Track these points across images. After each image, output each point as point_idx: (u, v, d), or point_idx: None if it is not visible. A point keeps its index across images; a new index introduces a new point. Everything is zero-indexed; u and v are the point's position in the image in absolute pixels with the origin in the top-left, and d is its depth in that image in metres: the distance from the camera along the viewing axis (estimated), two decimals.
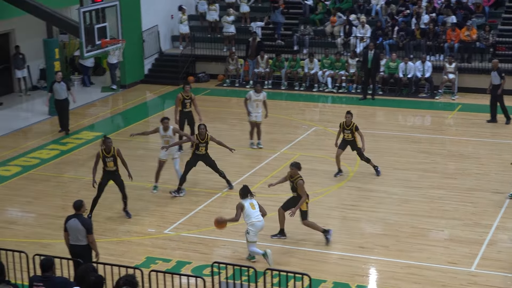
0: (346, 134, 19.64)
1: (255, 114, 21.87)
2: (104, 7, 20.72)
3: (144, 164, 20.98)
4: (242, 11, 32.25)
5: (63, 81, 23.64)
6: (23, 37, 28.84)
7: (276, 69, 29.49)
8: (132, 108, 27.44)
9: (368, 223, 17.13)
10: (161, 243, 16.21)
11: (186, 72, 30.85)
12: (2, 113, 26.47)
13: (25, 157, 21.99)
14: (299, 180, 15.83)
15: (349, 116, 19.56)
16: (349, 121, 19.54)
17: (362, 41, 29.35)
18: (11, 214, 18.15)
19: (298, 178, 15.85)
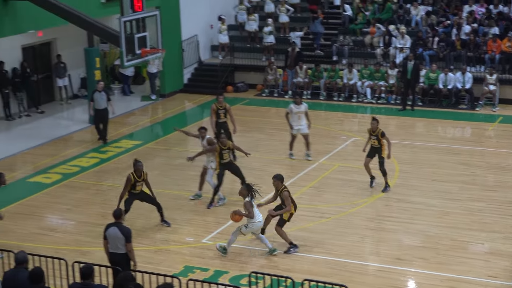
0: (373, 140, 19.48)
1: (298, 127, 21.65)
2: (144, 16, 20.82)
3: (182, 173, 21.07)
4: (281, 21, 32.28)
5: (103, 91, 23.80)
6: (64, 46, 29.17)
7: (315, 79, 29.45)
8: (171, 117, 27.58)
9: (406, 235, 17.00)
10: (199, 252, 16.24)
11: (225, 82, 30.95)
12: (44, 121, 26.75)
13: (66, 165, 22.20)
14: (284, 191, 15.90)
15: (374, 123, 19.36)
16: (375, 127, 19.35)
17: (401, 52, 29.21)
18: (51, 221, 18.31)
19: (283, 190, 15.93)
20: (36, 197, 19.63)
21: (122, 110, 28.06)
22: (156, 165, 22.03)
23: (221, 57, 31.62)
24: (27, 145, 23.92)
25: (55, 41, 29.01)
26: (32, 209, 18.84)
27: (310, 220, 17.74)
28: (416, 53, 28.52)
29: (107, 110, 23.97)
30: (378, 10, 31.83)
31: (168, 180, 20.73)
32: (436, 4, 31.64)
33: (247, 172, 20.92)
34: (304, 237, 16.75)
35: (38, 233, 17.33)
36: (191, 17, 31.03)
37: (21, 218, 17.97)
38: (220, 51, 31.92)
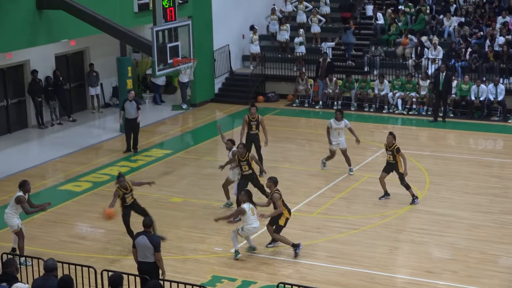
0: (388, 155, 19.37)
1: (337, 142, 21.35)
2: (176, 26, 20.93)
3: (211, 183, 21.08)
4: (313, 32, 32.27)
5: (134, 100, 23.91)
6: (97, 55, 29.41)
7: (346, 90, 29.38)
8: (201, 126, 27.66)
9: (436, 247, 16.86)
10: (227, 262, 16.24)
11: (256, 92, 30.99)
12: (75, 129, 26.95)
13: (96, 173, 22.33)
14: (275, 193, 16.12)
15: (390, 137, 19.21)
16: (390, 142, 19.20)
17: (434, 63, 29.04)
18: (81, 229, 18.42)
19: (274, 192, 16.17)
20: (66, 205, 19.77)
21: (153, 119, 28.20)
22: (185, 174, 22.10)
23: (252, 67, 31.67)
24: (59, 153, 24.11)
25: (88, 50, 29.26)
26: (62, 217, 18.96)
27: (339, 231, 17.68)
28: (448, 65, 28.34)
29: (137, 120, 24.02)
30: (411, 21, 31.70)
31: (197, 189, 20.78)
32: (469, 15, 31.44)
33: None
34: (333, 248, 16.69)
35: (67, 241, 17.44)
36: (223, 27, 31.14)
37: (51, 226, 18.10)
38: (251, 61, 31.98)
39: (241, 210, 16.11)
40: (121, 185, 16.69)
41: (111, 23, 21.60)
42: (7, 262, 11.93)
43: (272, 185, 16.31)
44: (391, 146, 19.16)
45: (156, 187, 20.79)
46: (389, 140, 19.20)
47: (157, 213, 18.71)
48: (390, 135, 19.25)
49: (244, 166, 18.41)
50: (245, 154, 18.39)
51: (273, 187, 16.29)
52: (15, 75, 26.58)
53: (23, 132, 26.57)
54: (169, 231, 17.76)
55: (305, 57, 31.42)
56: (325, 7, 33.25)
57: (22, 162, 23.27)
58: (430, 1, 32.32)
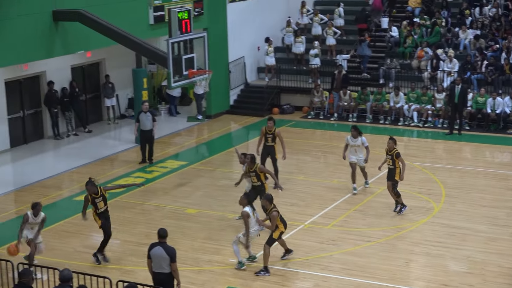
0: (388, 160, 19.35)
1: (356, 158, 21.01)
2: (192, 38, 21.00)
3: (226, 194, 21.08)
4: (328, 44, 32.28)
5: (149, 112, 23.96)
6: (113, 67, 29.53)
7: (361, 102, 29.35)
8: (216, 138, 27.68)
9: (452, 260, 16.77)
10: (242, 273, 16.20)
11: (271, 104, 31.00)
12: (91, 140, 27.03)
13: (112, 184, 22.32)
14: (273, 212, 15.91)
15: (391, 142, 19.23)
16: (391, 147, 19.21)
17: (449, 76, 28.97)
18: (96, 240, 18.41)
19: (271, 210, 15.95)
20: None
21: (168, 130, 28.26)
22: (200, 186, 22.11)
23: (267, 78, 31.70)
24: (74, 164, 24.18)
25: (104, 62, 29.39)
26: (77, 227, 18.99)
27: (355, 243, 17.61)
28: (464, 77, 28.27)
29: (152, 131, 24.03)
30: (426, 33, 31.66)
31: (212, 200, 20.78)
32: (485, 28, 31.36)
33: (292, 194, 20.93)
34: (348, 260, 16.63)
35: (83, 251, 17.46)
36: (238, 39, 31.20)
37: (66, 236, 18.14)
38: (266, 73, 32.01)
39: (246, 213, 15.97)
40: (90, 190, 16.53)
41: (126, 34, 21.70)
42: (23, 272, 11.98)
43: (268, 203, 16.06)
44: (391, 150, 19.17)
45: (171, 198, 20.90)
46: (390, 144, 19.26)
47: (172, 224, 18.77)
48: (391, 140, 19.31)
49: (253, 177, 18.33)
50: (253, 166, 18.29)
51: (268, 205, 16.04)
52: (31, 86, 26.71)
53: (39, 143, 26.67)
54: (184, 242, 17.75)
55: (320, 69, 31.41)
56: (339, 20, 33.27)
57: (38, 172, 23.35)
58: (445, 13, 32.26)
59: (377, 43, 32.17)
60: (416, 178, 22.32)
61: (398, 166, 19.14)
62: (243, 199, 16.21)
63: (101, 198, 16.64)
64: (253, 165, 18.22)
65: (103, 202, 16.68)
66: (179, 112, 31.06)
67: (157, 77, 31.52)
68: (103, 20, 21.91)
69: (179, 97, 31.34)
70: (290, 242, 17.69)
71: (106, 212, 16.84)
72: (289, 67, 31.97)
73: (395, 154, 19.11)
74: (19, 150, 25.78)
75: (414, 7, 33.34)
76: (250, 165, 18.29)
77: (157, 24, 25.99)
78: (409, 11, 33.14)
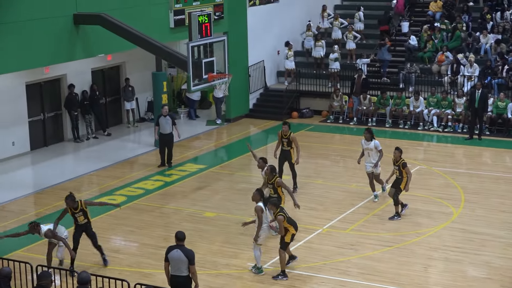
0: (395, 171, 19.34)
1: (369, 164, 20.60)
2: (212, 42, 21.05)
3: (245, 198, 21.08)
4: (348, 48, 32.24)
5: (168, 115, 24.00)
6: (133, 70, 29.66)
7: (381, 106, 29.28)
8: (236, 142, 27.70)
9: (471, 266, 16.68)
10: (260, 277, 16.20)
11: (290, 108, 30.99)
12: (111, 143, 27.14)
13: (130, 187, 22.44)
14: (278, 216, 15.84)
15: (397, 152, 19.19)
16: (398, 157, 19.17)
17: (469, 80, 28.84)
18: (115, 243, 18.50)
19: (277, 214, 15.91)
20: (101, 218, 19.86)
21: (187, 134, 28.31)
22: (219, 189, 22.14)
23: (287, 82, 31.70)
24: (94, 167, 24.29)
25: (124, 65, 29.51)
26: (96, 230, 18.89)
27: (373, 248, 17.57)
28: (484, 82, 28.13)
29: (172, 135, 24.02)
30: (447, 38, 31.55)
31: (231, 204, 20.80)
32: (506, 33, 31.20)
33: (310, 198, 20.92)
34: (366, 265, 16.59)
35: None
36: (258, 42, 31.23)
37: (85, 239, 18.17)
38: (286, 77, 32.01)
39: (260, 208, 15.91)
40: (69, 204, 16.39)
41: (147, 38, 21.78)
42: (42, 274, 12.02)
43: (274, 208, 16.06)
44: (398, 161, 19.15)
45: (190, 202, 20.94)
46: (396, 155, 19.25)
47: (190, 227, 18.82)
48: (397, 150, 19.29)
49: (270, 189, 18.02)
50: (272, 178, 17.87)
51: (274, 210, 16.03)
52: (52, 89, 26.88)
53: (59, 146, 26.83)
54: (202, 246, 17.78)
55: (340, 74, 31.37)
56: (359, 24, 33.23)
57: (58, 175, 23.48)
58: (466, 18, 32.13)
59: (397, 47, 32.09)
60: (436, 183, 22.24)
61: (405, 176, 19.11)
62: (256, 195, 16.15)
63: (81, 212, 16.47)
64: (272, 177, 17.88)
65: (83, 216, 16.53)
66: (199, 115, 31.13)
67: (177, 81, 31.61)
68: (123, 23, 22.02)
69: (199, 100, 31.41)
70: (308, 246, 17.72)
71: (86, 225, 16.67)
72: (308, 71, 31.95)
73: (401, 164, 19.07)
74: (39, 152, 25.95)
75: (435, 11, 33.23)
76: (269, 176, 18.02)
77: (177, 27, 26.07)
78: (430, 16, 33.04)
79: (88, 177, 23.51)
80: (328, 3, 34.58)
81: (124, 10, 23.63)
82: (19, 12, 20.57)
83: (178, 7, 26.06)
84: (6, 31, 20.25)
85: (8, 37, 20.32)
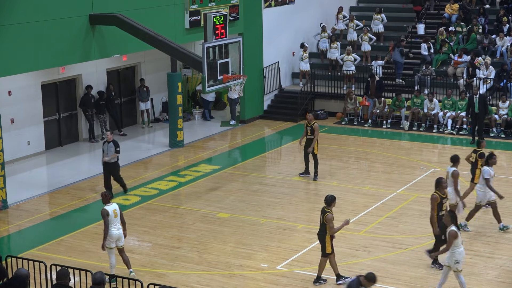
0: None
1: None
2: (227, 43, 21.07)
3: (259, 199, 21.12)
4: (363, 50, 32.17)
5: (112, 142, 21.17)
6: (148, 71, 29.73)
7: (396, 108, 29.19)
8: (250, 143, 27.71)
9: (486, 269, 16.61)
10: (274, 278, 16.20)
11: (305, 109, 30.96)
12: (125, 143, 27.18)
13: (145, 187, 22.50)
14: (328, 214, 15.51)
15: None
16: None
17: (485, 83, 28.71)
18: (128, 243, 18.51)
19: (327, 213, 15.53)
20: None
21: (201, 135, 28.38)
22: (233, 190, 22.14)
23: (301, 84, 31.68)
24: None
25: (139, 65, 29.59)
26: None
27: (387, 250, 17.53)
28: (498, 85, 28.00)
29: (116, 163, 21.43)
30: (462, 40, 31.45)
31: (244, 205, 20.81)
32: None
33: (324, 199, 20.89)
34: (380, 267, 16.54)
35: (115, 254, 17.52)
36: (273, 44, 31.22)
37: (99, 239, 18.22)
38: (301, 78, 31.99)
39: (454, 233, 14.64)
40: None
41: (162, 39, 21.83)
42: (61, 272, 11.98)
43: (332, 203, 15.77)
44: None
45: (204, 202, 20.97)
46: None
47: (204, 228, 18.85)
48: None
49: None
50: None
51: (329, 208, 15.69)
52: (67, 89, 26.98)
53: (73, 146, 26.92)
54: (216, 246, 17.80)
55: (355, 75, 31.30)
56: (380, 25, 33.13)
57: (72, 175, 23.57)
58: (482, 20, 32.00)
59: (413, 50, 32.00)
60: None
61: None
62: (447, 216, 14.93)
63: None
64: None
65: None
66: (213, 116, 31.15)
67: (192, 81, 31.65)
68: (139, 24, 22.08)
69: (213, 101, 31.43)
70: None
71: None
72: (323, 72, 31.91)
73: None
74: (54, 152, 26.05)
75: (451, 14, 33.13)
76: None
77: (192, 28, 26.11)
78: (446, 18, 32.94)
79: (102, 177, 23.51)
80: (344, 5, 34.53)
81: (140, 11, 23.71)
82: (35, 12, 20.67)
83: (193, 8, 26.10)
84: (23, 31, 20.37)
85: (24, 37, 20.44)
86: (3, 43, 19.93)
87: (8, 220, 20.01)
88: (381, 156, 25.37)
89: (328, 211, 15.49)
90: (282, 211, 20.14)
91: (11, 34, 20.12)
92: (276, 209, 20.32)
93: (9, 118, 24.16)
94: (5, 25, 19.90)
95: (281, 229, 18.91)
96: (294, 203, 20.99)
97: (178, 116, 26.34)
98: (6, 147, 21.93)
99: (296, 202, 21.11)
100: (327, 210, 15.52)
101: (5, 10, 19.83)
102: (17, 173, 23.62)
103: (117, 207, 16.03)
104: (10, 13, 20.01)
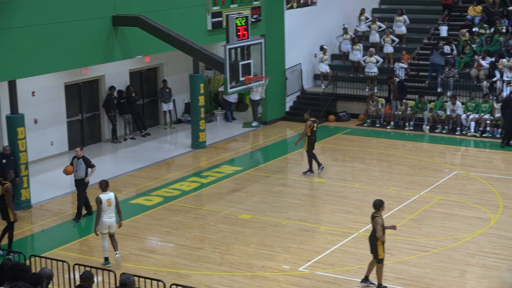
0: None
1: None
2: (249, 44, 21.08)
3: (281, 201, 21.10)
4: (385, 52, 32.08)
5: (82, 158, 20.21)
6: (170, 72, 29.80)
7: (419, 110, 29.06)
8: (272, 144, 27.70)
9: (509, 272, 16.50)
10: (295, 280, 16.18)
11: (327, 111, 30.91)
12: (148, 144, 27.29)
13: (167, 188, 22.54)
14: (378, 219, 15.32)
15: None
16: None
17: (508, 85, 28.53)
18: (151, 243, 18.60)
19: (376, 217, 15.34)
20: (137, 219, 20.00)
21: (223, 136, 28.41)
22: (255, 191, 22.14)
23: (323, 86, 31.63)
24: (131, 167, 24.44)
25: (162, 67, 29.66)
26: (133, 230, 19.19)
27: (409, 253, 17.45)
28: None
29: (83, 181, 20.30)
30: (485, 42, 31.27)
31: (266, 206, 20.80)
32: None
33: (347, 202, 20.85)
34: (402, 270, 16.48)
35: (138, 254, 17.62)
36: (295, 45, 31.20)
37: (122, 239, 18.31)
38: (322, 80, 31.93)
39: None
40: None
41: (184, 40, 21.87)
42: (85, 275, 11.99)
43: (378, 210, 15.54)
44: None
45: (226, 203, 20.98)
46: None
47: (226, 229, 18.86)
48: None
49: None
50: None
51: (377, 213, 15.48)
52: (90, 89, 27.10)
53: (96, 146, 27.03)
54: (238, 248, 17.80)
55: (377, 77, 31.21)
56: (402, 27, 33.00)
57: (95, 175, 23.57)
58: (506, 22, 31.80)
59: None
60: (474, 188, 22.04)
61: None
62: None
63: None
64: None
65: None
66: (235, 117, 31.18)
67: (214, 83, 31.69)
68: (161, 25, 22.14)
69: (235, 103, 31.46)
70: (344, 250, 17.66)
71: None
72: (345, 74, 31.84)
73: None
74: None
75: (474, 16, 32.97)
76: None
77: (214, 30, 26.13)
78: (469, 20, 32.76)
79: (125, 178, 23.65)
80: (366, 7, 34.45)
81: (162, 12, 23.77)
82: (58, 13, 20.78)
83: (215, 9, 26.12)
84: (46, 32, 20.48)
85: (47, 38, 20.55)
86: (27, 44, 20.05)
87: (31, 220, 20.14)
88: (404, 158, 25.26)
89: (377, 216, 15.39)
90: (304, 213, 20.12)
91: (35, 35, 20.24)
92: (298, 211, 20.30)
93: (32, 119, 24.32)
94: (29, 26, 20.03)
95: (303, 231, 18.88)
96: (316, 205, 20.97)
97: (200, 117, 26.39)
98: (30, 147, 22.04)
99: (318, 203, 21.09)
100: (376, 215, 15.44)
101: (29, 12, 19.96)
102: (40, 173, 23.76)
103: (112, 197, 16.96)
104: (34, 14, 20.13)
